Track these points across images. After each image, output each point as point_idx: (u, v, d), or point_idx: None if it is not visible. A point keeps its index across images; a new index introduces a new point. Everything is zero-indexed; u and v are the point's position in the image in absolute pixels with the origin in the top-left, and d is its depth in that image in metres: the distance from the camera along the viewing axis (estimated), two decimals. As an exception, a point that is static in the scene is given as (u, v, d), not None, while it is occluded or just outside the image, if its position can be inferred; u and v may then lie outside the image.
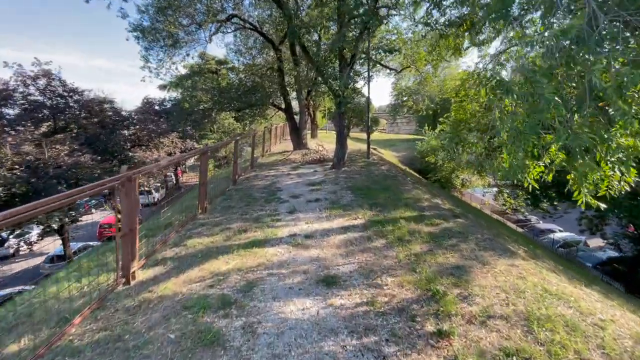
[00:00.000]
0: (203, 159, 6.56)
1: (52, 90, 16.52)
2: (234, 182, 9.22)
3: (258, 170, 11.17)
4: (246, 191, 8.29)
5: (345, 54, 9.68)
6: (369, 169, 10.56)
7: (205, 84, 17.63)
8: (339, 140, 10.40)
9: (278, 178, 9.73)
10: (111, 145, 17.54)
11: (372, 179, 9.07)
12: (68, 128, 17.65)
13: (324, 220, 5.90)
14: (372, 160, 12.50)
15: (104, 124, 17.86)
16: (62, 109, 16.17)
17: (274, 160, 13.26)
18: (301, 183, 8.92)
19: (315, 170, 10.67)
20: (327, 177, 9.50)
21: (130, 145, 22.91)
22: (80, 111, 16.90)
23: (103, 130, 17.30)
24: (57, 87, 16.53)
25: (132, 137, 21.93)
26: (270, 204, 7.07)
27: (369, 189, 7.91)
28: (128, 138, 22.34)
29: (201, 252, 4.77)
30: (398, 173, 10.35)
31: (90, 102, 17.99)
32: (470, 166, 18.03)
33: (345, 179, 9.13)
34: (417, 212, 6.12)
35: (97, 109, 17.74)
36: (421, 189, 8.23)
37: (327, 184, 8.58)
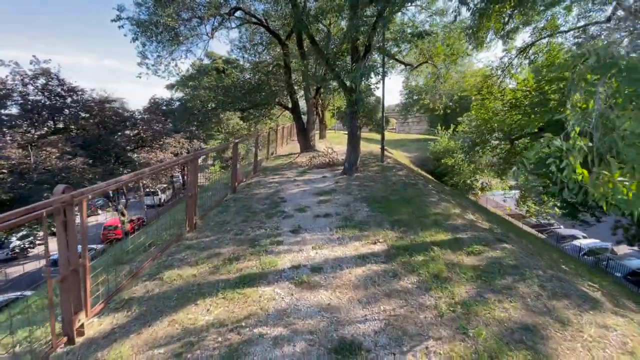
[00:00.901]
0: (191, 167, 5.46)
1: (50, 89, 15.71)
2: (234, 189, 8.12)
3: (262, 175, 10.06)
4: (246, 201, 7.17)
5: (358, 45, 8.49)
6: (384, 174, 9.35)
7: (209, 82, 16.66)
8: (350, 142, 9.21)
9: (283, 185, 8.60)
10: (111, 147, 16.68)
11: (389, 187, 7.87)
12: (68, 129, 16.86)
13: (335, 243, 4.74)
14: (387, 164, 11.28)
15: (105, 124, 17.03)
16: (60, 109, 15.35)
17: (280, 164, 12.14)
18: (308, 192, 7.77)
19: (324, 176, 9.51)
20: (338, 184, 8.33)
21: (133, 146, 22.13)
22: (79, 111, 16.09)
23: (103, 131, 16.46)
24: (55, 87, 15.72)
25: (135, 137, 21.10)
26: (272, 219, 5.94)
27: (388, 200, 6.71)
28: (132, 139, 21.53)
29: (178, 291, 3.66)
30: (418, 179, 9.11)
31: (90, 102, 17.17)
32: (491, 169, 16.68)
33: (359, 187, 7.95)
34: (451, 234, 4.91)
35: (97, 108, 16.91)
36: (449, 201, 7.00)
37: (338, 194, 7.41)
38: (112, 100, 18.27)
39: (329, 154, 11.42)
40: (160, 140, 23.72)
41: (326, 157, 11.31)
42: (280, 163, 12.36)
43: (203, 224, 5.91)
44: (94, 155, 16.18)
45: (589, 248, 19.97)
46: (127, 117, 18.03)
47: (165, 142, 25.83)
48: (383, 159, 11.55)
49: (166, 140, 25.60)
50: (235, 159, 8.06)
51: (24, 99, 15.51)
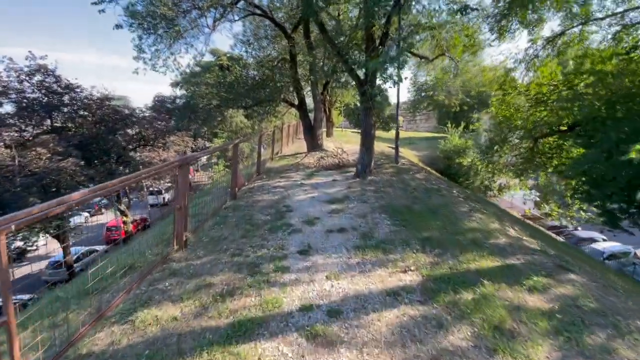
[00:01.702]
0: (180, 175, 4.51)
1: (46, 86, 14.91)
2: (234, 195, 7.18)
3: (265, 178, 9.11)
4: (247, 211, 6.22)
5: (374, 32, 7.45)
6: (401, 178, 8.33)
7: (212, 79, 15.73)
8: (364, 142, 8.20)
9: (288, 190, 7.63)
10: (111, 146, 15.86)
11: (410, 194, 6.86)
12: (66, 128, 16.06)
13: (355, 270, 3.77)
14: (402, 165, 10.25)
15: (104, 122, 16.21)
16: (56, 107, 14.54)
17: (285, 165, 11.18)
18: (318, 199, 6.79)
19: (335, 180, 8.52)
20: (351, 190, 7.34)
21: (135, 145, 21.33)
22: (77, 109, 15.28)
23: (102, 130, 15.64)
24: (51, 84, 14.91)
25: (137, 136, 20.28)
26: (276, 234, 4.98)
27: (411, 211, 5.71)
28: (133, 138, 20.72)
29: (151, 345, 2.72)
30: (440, 184, 8.08)
31: (89, 100, 16.35)
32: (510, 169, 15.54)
33: (375, 193, 6.95)
34: (499, 259, 3.90)
35: (96, 106, 16.09)
36: (482, 211, 5.97)
37: (353, 202, 6.42)
38: (112, 97, 17.45)
39: (338, 154, 10.43)
40: (163, 138, 22.93)
41: (335, 157, 10.32)
42: (285, 164, 11.39)
43: (195, 239, 4.98)
44: (92, 155, 15.38)
45: (610, 252, 18.73)
46: (126, 115, 17.19)
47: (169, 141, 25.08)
48: (397, 160, 10.52)
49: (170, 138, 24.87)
50: (235, 162, 7.11)
51: (19, 96, 14.73)
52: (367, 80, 7.79)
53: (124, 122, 17.02)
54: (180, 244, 4.63)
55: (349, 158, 10.58)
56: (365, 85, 7.76)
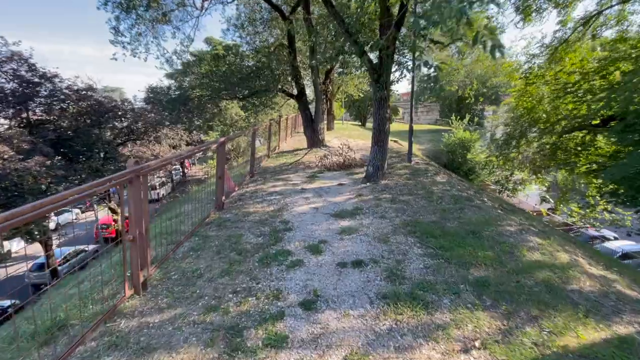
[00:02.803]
0: (132, 191, 3.14)
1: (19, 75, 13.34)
2: (220, 205, 5.81)
3: (260, 181, 7.72)
4: (234, 229, 4.86)
5: (390, 4, 5.97)
6: (419, 181, 6.96)
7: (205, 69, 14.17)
8: (377, 140, 6.80)
9: (287, 198, 6.26)
10: (93, 141, 14.36)
11: (436, 204, 5.49)
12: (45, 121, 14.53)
13: (388, 348, 2.42)
14: (416, 165, 8.86)
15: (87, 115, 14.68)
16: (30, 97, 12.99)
17: (283, 164, 9.78)
18: (322, 211, 5.43)
19: (341, 184, 7.14)
20: (363, 198, 5.97)
21: (124, 139, 19.81)
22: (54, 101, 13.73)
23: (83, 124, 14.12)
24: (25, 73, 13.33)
25: (126, 130, 18.75)
26: (270, 268, 3.63)
27: (445, 231, 4.36)
28: (121, 131, 19.19)
29: None
30: (467, 190, 6.71)
31: (68, 90, 14.77)
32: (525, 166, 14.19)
33: (393, 203, 5.59)
34: (603, 325, 2.57)
35: (76, 97, 14.53)
36: (536, 231, 4.60)
37: (367, 216, 5.06)
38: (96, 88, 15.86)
39: (343, 152, 9.03)
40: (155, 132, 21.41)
41: (340, 156, 8.92)
42: (283, 162, 9.99)
43: (162, 274, 3.62)
44: (73, 151, 13.90)
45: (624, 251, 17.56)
46: (110, 107, 15.64)
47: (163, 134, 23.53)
48: (411, 158, 9.13)
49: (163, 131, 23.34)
50: (221, 165, 5.71)
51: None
52: (381, 65, 6.35)
53: (108, 114, 15.46)
54: (136, 287, 3.28)
55: (356, 156, 9.18)
56: (379, 71, 6.32)
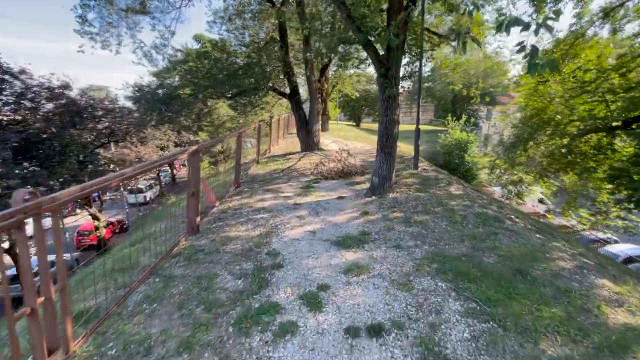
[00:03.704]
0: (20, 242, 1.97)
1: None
2: (193, 230, 4.65)
3: (246, 193, 6.56)
4: (206, 267, 3.70)
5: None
6: (433, 195, 5.88)
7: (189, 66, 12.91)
8: (384, 146, 5.70)
9: (276, 217, 5.12)
10: (66, 144, 12.97)
11: (461, 226, 4.42)
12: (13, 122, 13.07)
13: None
14: (423, 172, 7.80)
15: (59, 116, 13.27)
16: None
17: (274, 170, 8.62)
18: (321, 236, 4.30)
19: (341, 197, 6.03)
20: (369, 218, 4.87)
21: (106, 141, 18.37)
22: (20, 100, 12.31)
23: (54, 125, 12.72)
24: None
25: (105, 130, 17.32)
26: (249, 339, 2.50)
27: (484, 270, 3.28)
28: (101, 132, 17.73)
29: None
30: (489, 204, 5.65)
31: (41, 87, 13.35)
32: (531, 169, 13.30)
33: (408, 225, 4.49)
34: None
35: (47, 96, 13.13)
36: (599, 269, 3.55)
37: (378, 246, 3.96)
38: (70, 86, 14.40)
39: (342, 158, 7.91)
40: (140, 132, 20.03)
41: (339, 162, 7.81)
42: (274, 169, 8.84)
43: (94, 348, 2.46)
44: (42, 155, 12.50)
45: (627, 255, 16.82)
46: (84, 107, 14.23)
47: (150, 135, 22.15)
48: (417, 165, 8.07)
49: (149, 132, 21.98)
50: (195, 181, 4.54)
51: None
52: (389, 57, 5.25)
53: (83, 115, 14.06)
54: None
55: (355, 161, 8.08)
56: (388, 64, 5.22)
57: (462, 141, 24.61)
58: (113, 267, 3.84)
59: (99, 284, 3.45)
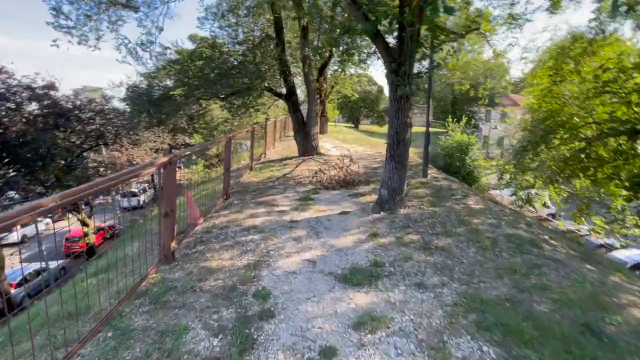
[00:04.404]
0: None
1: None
2: (168, 257, 3.79)
3: (235, 207, 5.71)
4: (175, 314, 2.85)
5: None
6: (450, 209, 5.07)
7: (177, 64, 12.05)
8: (394, 154, 4.87)
9: (268, 240, 4.27)
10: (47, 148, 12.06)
11: (494, 255, 3.59)
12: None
13: None
14: (434, 181, 6.99)
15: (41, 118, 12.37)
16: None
17: (268, 179, 7.78)
18: (321, 269, 3.46)
19: (345, 212, 5.19)
20: (380, 242, 4.03)
21: (93, 144, 17.45)
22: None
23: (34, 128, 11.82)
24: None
25: (94, 133, 16.40)
26: None
27: (538, 324, 2.45)
28: (89, 134, 16.80)
29: None
30: (515, 222, 4.84)
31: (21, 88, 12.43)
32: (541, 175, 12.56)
33: (427, 253, 3.66)
34: None
35: (28, 96, 12.22)
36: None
37: (395, 283, 3.12)
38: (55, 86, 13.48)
39: (344, 165, 7.08)
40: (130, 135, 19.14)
41: (340, 169, 6.98)
42: (269, 176, 7.99)
43: None
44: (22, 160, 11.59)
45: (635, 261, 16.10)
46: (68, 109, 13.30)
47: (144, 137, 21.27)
48: (426, 173, 7.25)
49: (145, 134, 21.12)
50: (168, 198, 3.69)
51: None
52: (401, 51, 4.43)
53: (67, 116, 13.15)
54: None
55: (358, 168, 7.25)
56: (400, 58, 4.40)
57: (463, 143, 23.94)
58: (61, 311, 2.98)
59: (37, 336, 2.63)
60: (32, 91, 12.84)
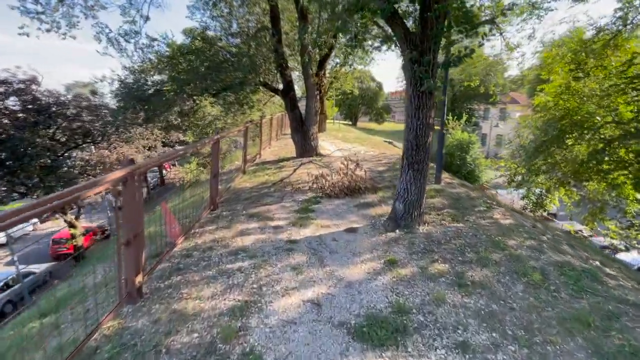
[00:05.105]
0: None
1: None
2: (133, 294, 2.94)
3: (223, 221, 4.84)
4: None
5: None
6: (476, 226, 4.25)
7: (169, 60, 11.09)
8: (414, 160, 4.03)
9: (260, 269, 3.42)
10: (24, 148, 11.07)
11: (550, 296, 2.78)
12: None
13: None
14: (449, 187, 6.17)
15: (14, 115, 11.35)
16: None
17: (264, 184, 6.91)
18: (331, 321, 2.61)
19: (352, 229, 4.35)
20: (400, 273, 3.21)
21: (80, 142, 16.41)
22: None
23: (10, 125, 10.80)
24: None
25: (79, 130, 15.36)
26: None
27: None
28: (76, 132, 15.76)
29: None
30: (556, 242, 4.03)
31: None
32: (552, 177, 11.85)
33: (464, 292, 2.84)
34: None
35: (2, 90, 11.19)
36: None
37: (430, 345, 2.29)
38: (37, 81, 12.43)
39: (349, 170, 6.22)
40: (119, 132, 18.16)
41: (345, 175, 6.12)
42: (264, 181, 7.12)
43: None
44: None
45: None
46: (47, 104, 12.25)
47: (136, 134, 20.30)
48: (440, 179, 6.43)
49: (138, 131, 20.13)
50: (132, 219, 2.82)
51: None
52: (424, 36, 3.58)
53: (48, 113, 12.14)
54: None
55: (365, 173, 6.40)
56: (422, 45, 3.55)
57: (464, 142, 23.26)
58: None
59: None
60: (9, 86, 11.80)
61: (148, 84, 11.85)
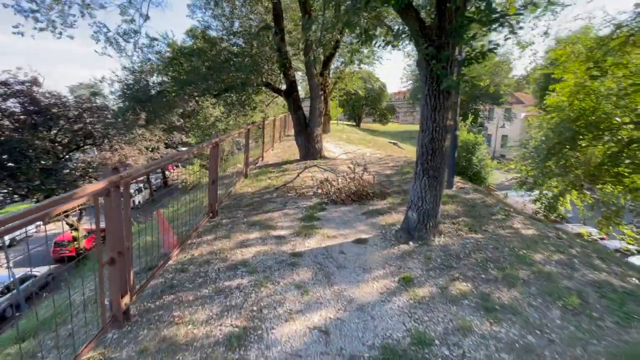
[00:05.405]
0: None
1: None
2: (119, 318, 2.61)
3: (222, 229, 4.52)
4: None
5: None
6: (495, 237, 3.89)
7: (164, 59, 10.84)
8: (428, 166, 3.68)
9: (261, 288, 3.09)
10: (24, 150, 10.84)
11: (592, 323, 2.42)
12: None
13: None
14: (462, 193, 5.80)
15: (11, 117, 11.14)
16: None
17: (266, 188, 6.58)
18: (342, 353, 2.28)
19: (361, 240, 4.01)
20: (417, 294, 2.86)
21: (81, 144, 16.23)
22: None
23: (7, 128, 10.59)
24: None
25: (80, 132, 15.16)
26: None
27: None
28: (77, 134, 15.58)
29: None
30: (589, 256, 3.65)
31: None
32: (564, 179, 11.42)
33: (492, 319, 2.49)
34: None
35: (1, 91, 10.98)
36: None
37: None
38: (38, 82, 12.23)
39: (356, 174, 5.88)
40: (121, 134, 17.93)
41: (352, 180, 5.78)
42: (266, 185, 6.79)
43: None
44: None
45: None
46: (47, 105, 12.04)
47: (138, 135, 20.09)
48: (453, 183, 6.06)
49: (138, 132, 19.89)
50: (116, 237, 2.50)
51: None
52: (442, 28, 3.23)
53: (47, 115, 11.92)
54: None
55: (373, 178, 6.05)
56: (441, 39, 3.21)
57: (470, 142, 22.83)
58: None
59: None
60: (10, 87, 11.60)
61: (149, 85, 11.62)
